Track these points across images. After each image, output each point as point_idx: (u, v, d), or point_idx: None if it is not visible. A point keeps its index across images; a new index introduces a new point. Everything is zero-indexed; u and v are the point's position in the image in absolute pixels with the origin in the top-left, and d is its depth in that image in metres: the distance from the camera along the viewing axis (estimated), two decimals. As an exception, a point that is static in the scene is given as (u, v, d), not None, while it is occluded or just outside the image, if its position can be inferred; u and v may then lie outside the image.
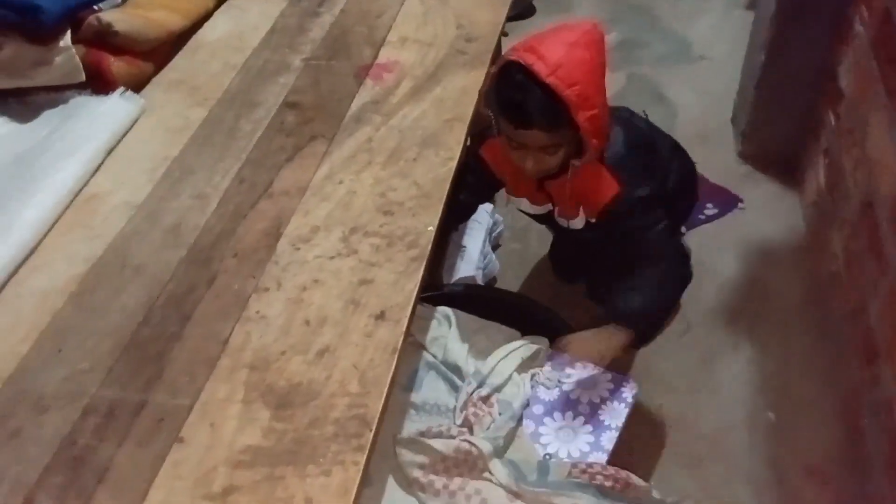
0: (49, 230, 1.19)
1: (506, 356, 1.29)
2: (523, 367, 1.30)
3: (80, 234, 1.18)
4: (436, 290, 1.52)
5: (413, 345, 1.36)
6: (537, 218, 1.55)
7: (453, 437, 1.17)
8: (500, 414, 1.23)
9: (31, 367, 1.00)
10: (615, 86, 2.53)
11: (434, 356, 1.33)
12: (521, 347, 1.31)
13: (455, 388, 1.27)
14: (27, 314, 1.07)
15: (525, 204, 1.48)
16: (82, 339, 1.03)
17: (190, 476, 0.87)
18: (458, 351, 1.31)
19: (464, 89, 1.39)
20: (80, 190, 1.25)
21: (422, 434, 1.19)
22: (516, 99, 1.19)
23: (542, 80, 1.14)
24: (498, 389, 1.26)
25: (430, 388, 1.29)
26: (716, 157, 2.25)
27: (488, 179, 1.49)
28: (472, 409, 1.22)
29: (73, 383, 0.98)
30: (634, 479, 1.16)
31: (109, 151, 1.31)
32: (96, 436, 0.92)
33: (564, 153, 1.27)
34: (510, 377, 1.27)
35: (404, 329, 1.00)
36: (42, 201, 1.20)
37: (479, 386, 1.25)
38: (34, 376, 0.99)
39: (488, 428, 1.20)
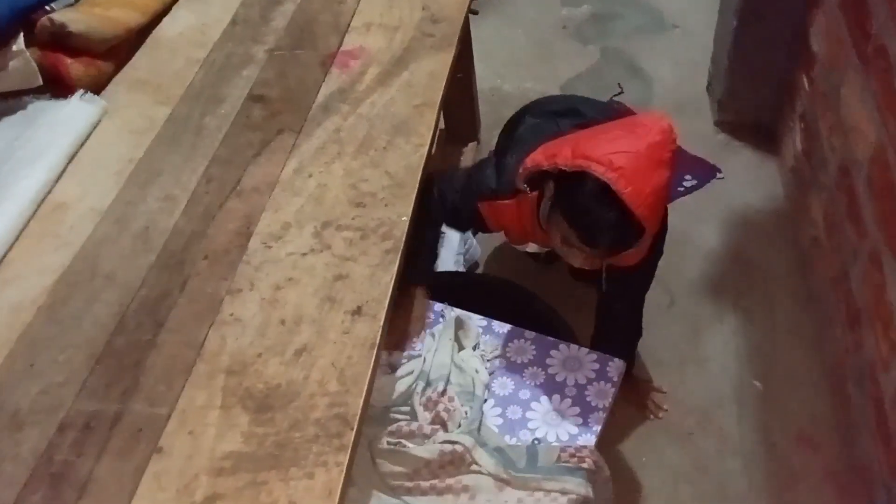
0: (16, 241, 1.15)
1: (435, 347, 1.28)
2: (457, 342, 1.28)
3: (47, 243, 1.15)
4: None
5: None
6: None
7: (427, 437, 1.15)
8: (463, 406, 1.21)
9: (4, 382, 0.98)
10: (589, 60, 2.51)
11: None
12: (444, 329, 1.30)
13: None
14: (-3, 329, 1.04)
15: (531, 246, 1.43)
16: (55, 352, 1.01)
17: (171, 486, 0.86)
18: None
19: (432, 73, 1.36)
20: (45, 198, 1.21)
21: (392, 433, 1.17)
22: (598, 224, 1.10)
23: (627, 205, 1.05)
24: (448, 381, 1.24)
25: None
26: (693, 127, 2.24)
27: (479, 226, 1.42)
28: (441, 406, 1.20)
29: (48, 397, 0.96)
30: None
31: (73, 156, 1.28)
32: (74, 450, 0.90)
33: None
34: (453, 364, 1.25)
35: (382, 323, 0.99)
36: (6, 212, 1.16)
37: (428, 384, 1.23)
38: (8, 392, 0.97)
39: (459, 424, 1.19)
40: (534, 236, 1.34)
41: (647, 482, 1.53)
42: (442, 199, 1.36)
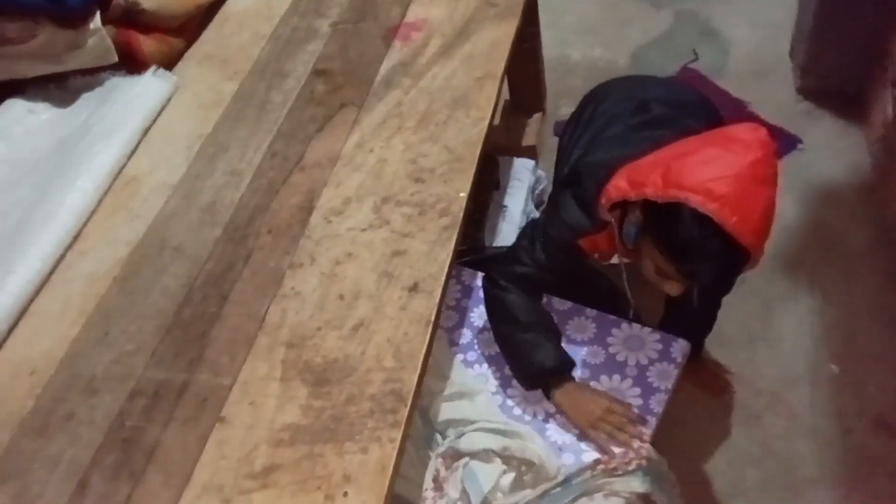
0: (92, 214, 1.21)
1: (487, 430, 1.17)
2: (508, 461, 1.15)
3: (121, 216, 1.20)
4: (477, 253, 1.49)
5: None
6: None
7: None
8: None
9: (80, 350, 1.04)
10: (662, 25, 2.41)
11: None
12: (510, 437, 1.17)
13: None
14: (75, 299, 1.10)
15: (615, 258, 1.28)
16: (127, 322, 1.06)
17: (233, 455, 0.89)
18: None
19: (494, 43, 1.33)
20: (119, 172, 1.26)
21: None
22: (701, 259, 1.00)
23: (734, 237, 0.96)
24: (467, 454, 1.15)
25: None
26: (773, 94, 2.13)
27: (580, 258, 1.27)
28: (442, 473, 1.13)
29: (120, 366, 1.01)
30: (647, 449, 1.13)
31: (145, 131, 1.32)
32: (144, 417, 0.95)
33: None
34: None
35: (438, 300, 0.99)
36: (83, 186, 1.22)
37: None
38: (84, 360, 1.02)
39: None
40: (619, 252, 1.23)
41: (712, 464, 1.50)
42: (539, 267, 1.23)
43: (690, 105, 1.31)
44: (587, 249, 1.21)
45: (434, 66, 1.32)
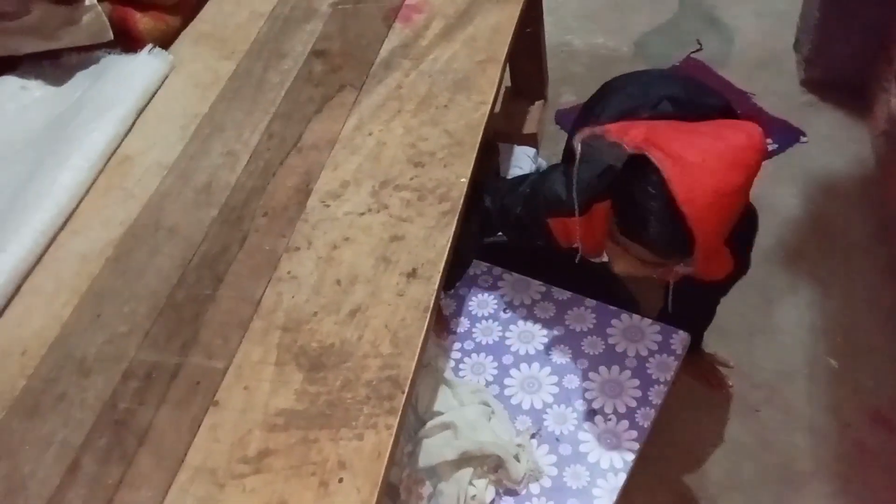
0: (86, 193, 1.19)
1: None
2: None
3: (115, 196, 1.18)
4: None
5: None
6: None
7: None
8: None
9: (72, 331, 1.02)
10: (666, 12, 2.38)
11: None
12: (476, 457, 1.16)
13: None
14: (67, 278, 1.08)
15: (605, 256, 1.25)
16: (120, 303, 1.04)
17: (226, 439, 0.88)
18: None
19: (497, 26, 1.31)
20: (114, 151, 1.24)
21: None
22: (643, 213, 1.01)
23: (675, 197, 0.96)
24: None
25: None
26: (776, 85, 2.11)
27: (549, 242, 1.26)
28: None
29: (113, 347, 0.99)
30: None
31: (140, 111, 1.30)
32: (136, 399, 0.93)
33: None
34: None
35: (436, 286, 0.97)
36: (77, 164, 1.19)
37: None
38: (76, 340, 1.01)
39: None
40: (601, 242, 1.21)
41: (708, 456, 1.49)
42: (503, 212, 1.24)
43: (706, 107, 1.28)
44: (556, 232, 1.20)
45: (435, 49, 1.30)
